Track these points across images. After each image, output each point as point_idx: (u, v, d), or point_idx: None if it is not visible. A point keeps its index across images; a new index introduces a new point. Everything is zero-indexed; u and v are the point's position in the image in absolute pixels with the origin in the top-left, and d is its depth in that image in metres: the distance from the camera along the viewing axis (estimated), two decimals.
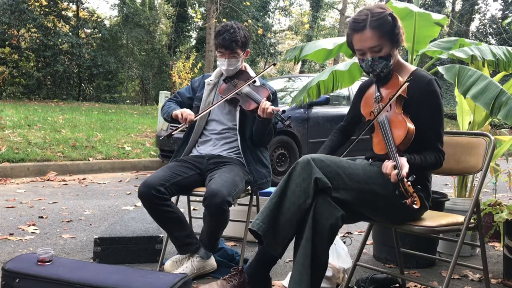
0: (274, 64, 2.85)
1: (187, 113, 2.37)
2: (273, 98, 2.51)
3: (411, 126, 1.75)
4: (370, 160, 1.98)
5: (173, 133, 2.32)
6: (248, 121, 2.47)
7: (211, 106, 2.46)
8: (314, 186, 1.63)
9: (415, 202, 1.54)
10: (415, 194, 1.55)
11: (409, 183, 1.57)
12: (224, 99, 2.43)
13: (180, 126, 2.37)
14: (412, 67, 1.92)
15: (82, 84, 18.19)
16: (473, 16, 24.30)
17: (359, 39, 1.81)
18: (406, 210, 1.75)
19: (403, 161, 1.66)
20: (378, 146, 1.83)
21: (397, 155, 1.67)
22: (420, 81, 1.83)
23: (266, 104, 2.29)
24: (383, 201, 1.74)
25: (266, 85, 2.54)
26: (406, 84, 1.81)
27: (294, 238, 1.70)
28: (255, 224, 1.66)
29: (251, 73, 2.60)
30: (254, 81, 2.52)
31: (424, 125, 1.80)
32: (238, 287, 1.84)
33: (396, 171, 1.61)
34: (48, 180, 5.32)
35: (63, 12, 17.13)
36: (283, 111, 2.30)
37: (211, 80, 2.58)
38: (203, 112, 2.45)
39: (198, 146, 2.56)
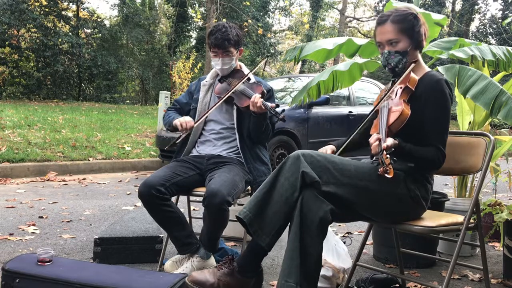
0: (268, 57, 2.87)
1: (186, 120, 2.40)
2: (269, 95, 2.52)
3: (406, 110, 1.79)
4: (373, 158, 1.99)
5: (177, 142, 2.40)
6: (246, 119, 2.48)
7: (208, 110, 2.48)
8: (301, 180, 1.68)
9: (388, 172, 1.59)
10: (390, 166, 1.61)
11: (387, 156, 1.62)
12: (221, 101, 2.45)
13: (182, 135, 2.41)
14: (427, 69, 1.95)
15: (82, 84, 18.18)
16: (473, 16, 24.29)
17: (380, 31, 1.91)
18: (400, 207, 1.77)
19: (389, 139, 1.71)
20: (374, 128, 1.89)
21: (385, 132, 1.74)
22: (429, 79, 1.86)
23: (256, 98, 2.30)
24: (376, 196, 1.76)
25: (262, 82, 2.55)
26: (409, 71, 1.87)
27: (286, 233, 1.73)
28: (241, 213, 1.72)
29: (246, 71, 2.60)
30: (249, 79, 2.52)
31: (427, 122, 1.82)
32: (227, 275, 1.87)
33: (377, 142, 1.69)
34: (48, 180, 5.32)
35: (63, 12, 17.11)
36: (277, 105, 2.31)
37: (206, 81, 2.60)
38: (201, 117, 2.47)
39: (197, 146, 2.57)
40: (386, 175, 1.60)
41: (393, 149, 1.69)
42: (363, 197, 1.75)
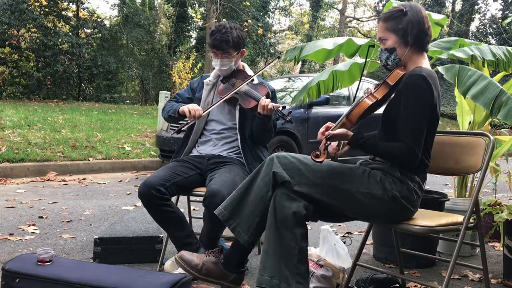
0: (279, 58, 2.87)
1: (195, 108, 2.36)
2: (272, 96, 2.51)
3: (366, 100, 1.85)
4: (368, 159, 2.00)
5: (182, 129, 2.34)
6: (248, 120, 2.48)
7: (215, 104, 2.45)
8: (273, 180, 1.78)
9: (318, 156, 1.74)
10: (325, 152, 1.76)
11: (327, 143, 1.79)
12: (224, 98, 2.43)
13: (189, 121, 2.37)
14: (425, 66, 1.92)
15: (82, 84, 18.17)
16: (473, 16, 24.29)
17: (377, 30, 1.98)
18: (380, 208, 1.78)
19: (340, 129, 1.83)
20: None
21: (341, 122, 1.85)
22: (408, 75, 1.85)
23: (266, 101, 2.30)
24: (351, 196, 1.78)
25: (265, 83, 2.54)
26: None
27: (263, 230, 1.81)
28: (217, 210, 1.86)
29: (249, 72, 2.60)
30: (253, 80, 2.52)
31: (399, 118, 1.82)
32: (212, 262, 1.98)
33: (324, 130, 1.85)
34: (48, 180, 5.31)
35: (63, 12, 17.10)
36: (284, 107, 2.31)
37: (209, 81, 2.58)
38: (209, 108, 2.44)
39: (198, 146, 2.56)
40: (316, 159, 1.72)
41: (330, 136, 1.80)
42: (337, 197, 1.78)
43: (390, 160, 1.83)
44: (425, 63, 1.94)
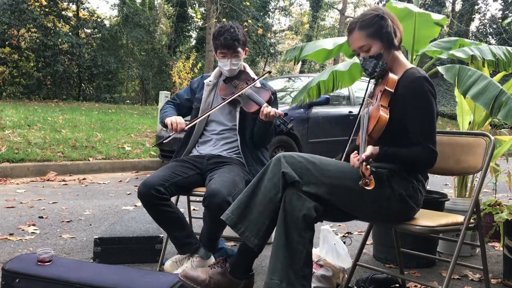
0: (269, 72, 2.88)
1: (178, 121, 2.34)
2: (273, 98, 2.51)
3: (383, 114, 1.79)
4: None
5: (163, 142, 2.38)
6: (248, 121, 2.47)
7: (209, 111, 2.45)
8: (282, 180, 1.73)
9: (368, 184, 1.61)
10: (371, 177, 1.62)
11: (368, 166, 1.64)
12: (226, 101, 2.42)
13: (171, 135, 2.35)
14: (408, 66, 1.92)
15: (82, 84, 18.18)
16: (473, 16, 24.31)
17: (351, 41, 1.91)
18: (386, 207, 1.77)
19: (369, 148, 1.74)
20: (358, 138, 1.89)
21: (366, 141, 1.76)
22: (408, 78, 1.84)
23: (267, 109, 2.30)
24: (358, 196, 1.76)
25: (267, 86, 2.54)
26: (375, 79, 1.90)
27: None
28: (224, 215, 1.79)
29: (251, 73, 2.59)
30: (255, 83, 2.51)
31: (410, 122, 1.81)
32: (219, 274, 1.92)
33: (356, 155, 1.72)
34: (48, 180, 5.31)
35: (63, 12, 17.13)
36: (285, 114, 2.30)
37: (210, 81, 2.57)
38: (195, 120, 2.43)
39: (198, 146, 2.56)
40: (366, 187, 1.61)
41: (370, 159, 1.70)
42: (345, 196, 1.76)
43: (412, 165, 1.81)
44: (405, 61, 1.94)
